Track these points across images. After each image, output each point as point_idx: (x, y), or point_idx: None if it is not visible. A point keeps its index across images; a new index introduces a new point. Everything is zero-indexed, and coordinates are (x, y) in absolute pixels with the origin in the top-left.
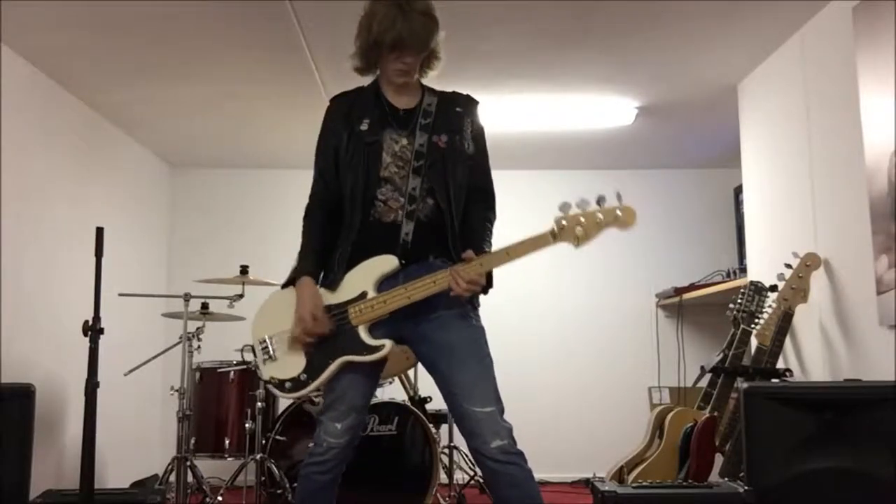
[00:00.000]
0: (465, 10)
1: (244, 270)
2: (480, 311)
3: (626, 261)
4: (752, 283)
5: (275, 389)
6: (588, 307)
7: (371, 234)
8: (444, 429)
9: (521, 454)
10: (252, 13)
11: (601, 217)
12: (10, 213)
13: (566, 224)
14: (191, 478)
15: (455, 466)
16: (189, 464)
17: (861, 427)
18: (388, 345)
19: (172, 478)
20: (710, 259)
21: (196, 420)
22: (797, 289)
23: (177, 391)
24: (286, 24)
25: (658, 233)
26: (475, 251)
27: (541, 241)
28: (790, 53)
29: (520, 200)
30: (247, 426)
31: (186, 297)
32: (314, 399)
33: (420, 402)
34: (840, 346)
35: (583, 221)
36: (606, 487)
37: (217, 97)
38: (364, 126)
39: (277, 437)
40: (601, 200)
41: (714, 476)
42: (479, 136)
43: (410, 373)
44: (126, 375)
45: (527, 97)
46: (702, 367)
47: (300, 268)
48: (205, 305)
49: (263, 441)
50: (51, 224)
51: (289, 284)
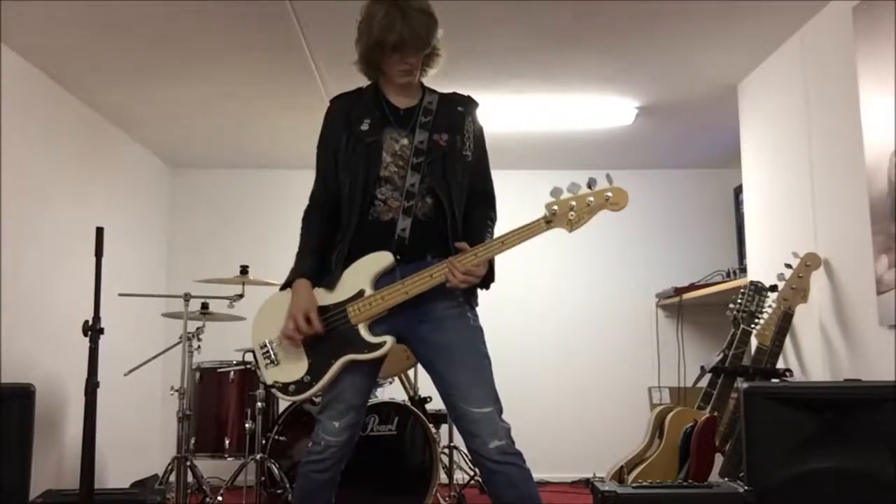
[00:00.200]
0: (465, 10)
1: (244, 270)
2: (480, 311)
3: (626, 261)
4: (752, 283)
5: (279, 393)
6: (588, 307)
7: (369, 233)
8: (444, 429)
9: (520, 454)
10: (252, 13)
11: (592, 200)
12: (11, 213)
13: (557, 209)
14: (191, 478)
15: (455, 466)
16: (189, 464)
17: (861, 427)
18: (390, 341)
19: (172, 478)
20: (710, 259)
21: (196, 420)
22: (797, 289)
23: (177, 391)
24: (286, 24)
25: (658, 233)
26: (471, 245)
27: (534, 229)
28: (790, 53)
29: (519, 200)
30: (247, 426)
31: (186, 297)
32: (314, 399)
33: (420, 402)
34: (840, 346)
35: (574, 205)
36: (606, 487)
37: (217, 97)
38: (364, 126)
39: (277, 437)
40: (592, 183)
41: (714, 476)
42: (480, 138)
43: (410, 373)
44: (126, 375)
45: (527, 97)
46: (702, 367)
47: (297, 269)
48: (205, 305)
49: (263, 441)
50: (51, 224)
51: (287, 286)
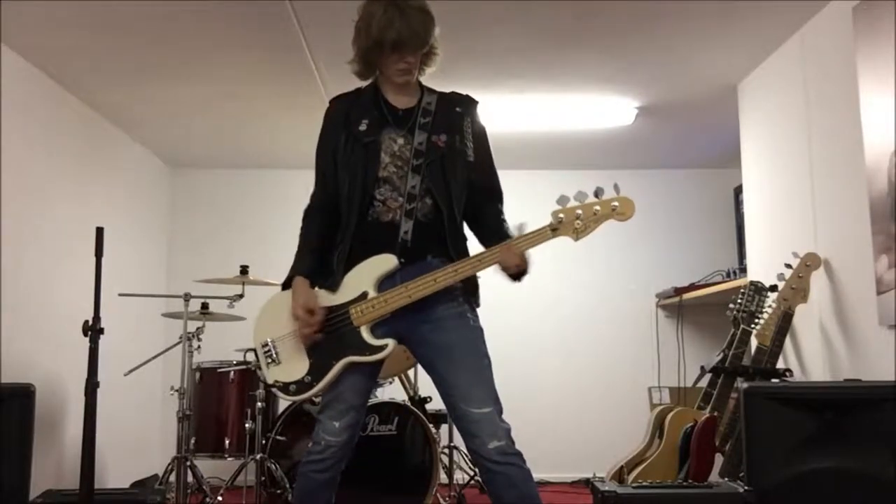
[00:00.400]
0: (465, 10)
1: (244, 270)
2: (481, 311)
3: (626, 261)
4: (752, 283)
5: (279, 393)
6: (588, 307)
7: (369, 234)
8: (444, 429)
9: (520, 454)
10: (252, 13)
11: (599, 209)
12: (11, 213)
13: (564, 218)
14: (191, 478)
15: (455, 466)
16: (189, 464)
17: (861, 427)
18: (392, 344)
19: (172, 478)
20: (710, 259)
21: (196, 420)
22: (797, 289)
23: (177, 391)
24: (286, 25)
25: (658, 233)
26: (492, 240)
27: (540, 236)
28: (790, 53)
29: (520, 200)
30: (247, 426)
31: (186, 297)
32: (314, 399)
33: (420, 402)
34: (840, 346)
35: (581, 214)
36: (606, 487)
37: (217, 97)
38: (363, 127)
39: (277, 437)
40: (599, 192)
41: (714, 476)
42: (481, 136)
43: (410, 373)
44: (126, 375)
45: (527, 97)
46: (702, 367)
47: (295, 268)
48: (205, 305)
49: (263, 441)
50: (51, 224)
51: (287, 286)
